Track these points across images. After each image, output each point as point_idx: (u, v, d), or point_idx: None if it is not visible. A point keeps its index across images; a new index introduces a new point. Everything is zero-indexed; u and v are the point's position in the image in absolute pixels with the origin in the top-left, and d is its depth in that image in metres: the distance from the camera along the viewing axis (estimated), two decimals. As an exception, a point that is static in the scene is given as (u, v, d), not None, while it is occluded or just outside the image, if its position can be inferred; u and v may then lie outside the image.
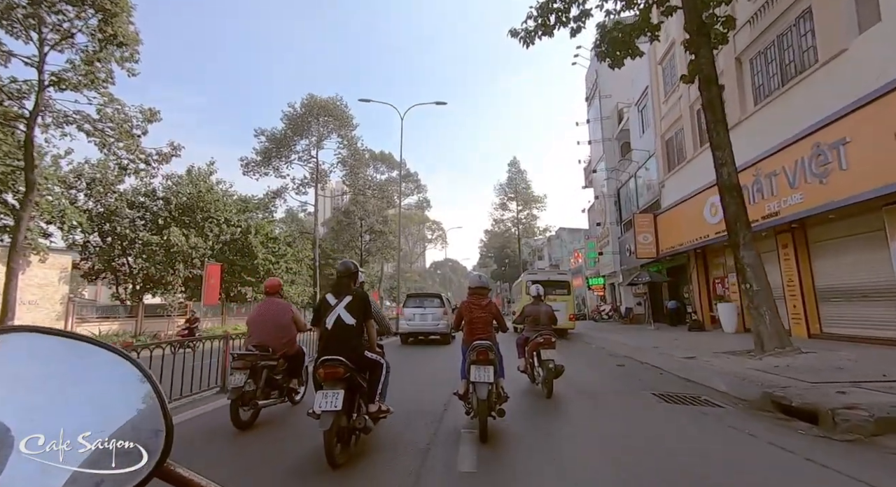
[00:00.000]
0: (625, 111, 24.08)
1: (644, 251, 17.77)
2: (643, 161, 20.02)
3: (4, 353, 0.59)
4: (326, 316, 3.79)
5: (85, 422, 0.56)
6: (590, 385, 6.99)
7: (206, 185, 24.92)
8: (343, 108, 40.29)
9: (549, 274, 17.42)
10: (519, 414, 4.88)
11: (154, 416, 0.60)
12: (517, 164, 55.94)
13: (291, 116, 38.47)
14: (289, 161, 40.71)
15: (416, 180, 63.53)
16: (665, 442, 3.99)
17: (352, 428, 3.56)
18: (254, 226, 27.66)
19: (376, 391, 3.85)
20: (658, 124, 18.06)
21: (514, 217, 55.61)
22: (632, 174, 21.91)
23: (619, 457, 3.62)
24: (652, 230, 17.74)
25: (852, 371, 6.10)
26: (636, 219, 18.06)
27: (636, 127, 21.14)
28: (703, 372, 7.06)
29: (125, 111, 15.53)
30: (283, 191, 41.49)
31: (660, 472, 3.27)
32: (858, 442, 3.81)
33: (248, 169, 38.03)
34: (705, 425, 4.51)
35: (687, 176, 15.76)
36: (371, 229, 48.69)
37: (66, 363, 0.61)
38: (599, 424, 4.74)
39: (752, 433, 4.12)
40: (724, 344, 10.62)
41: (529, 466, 3.41)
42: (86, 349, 0.62)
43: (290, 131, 39.34)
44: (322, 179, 43.38)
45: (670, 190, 17.34)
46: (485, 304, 4.73)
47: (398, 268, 31.31)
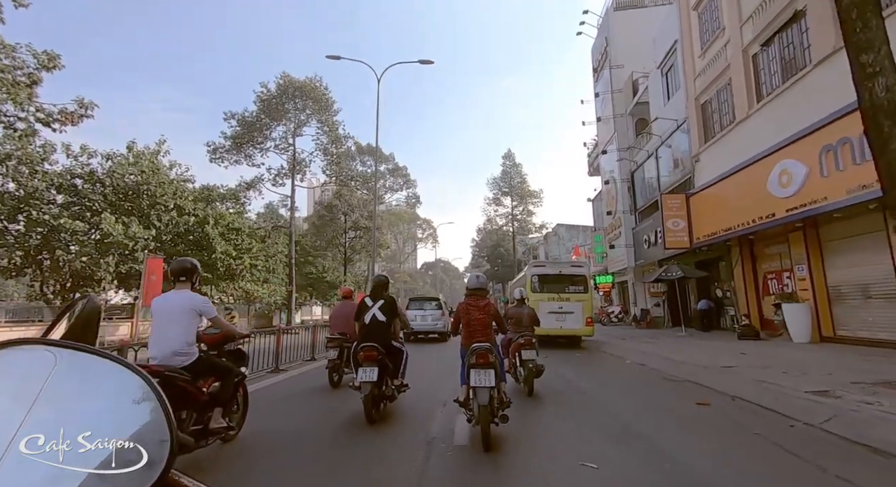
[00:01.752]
0: (640, 82, 20.83)
1: (674, 240, 14.48)
2: (668, 133, 16.74)
3: (13, 364, 0.61)
4: (365, 314, 5.29)
5: (91, 433, 0.57)
6: (699, 472, 3.51)
7: (152, 165, 21.20)
8: (323, 91, 36.68)
9: (560, 266, 14.17)
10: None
11: (159, 426, 0.61)
12: (512, 157, 52.71)
13: (265, 98, 34.76)
14: (264, 148, 37.00)
15: (405, 175, 60.06)
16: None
17: (382, 396, 4.98)
18: (212, 215, 23.98)
19: (399, 370, 5.32)
20: (691, 85, 14.79)
21: (508, 213, 52.30)
22: (651, 152, 18.63)
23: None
24: (684, 214, 14.45)
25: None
26: (664, 201, 14.76)
27: (657, 95, 17.88)
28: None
29: (13, 55, 11.87)
30: (259, 182, 37.83)
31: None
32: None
33: (216, 155, 34.26)
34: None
35: (736, 142, 12.49)
36: (356, 225, 45.18)
37: (72, 374, 0.62)
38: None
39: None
40: (830, 362, 7.30)
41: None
42: (92, 361, 0.64)
43: (264, 115, 35.68)
44: (301, 169, 39.77)
45: (707, 164, 14.07)
46: (483, 305, 4.59)
47: (372, 264, 27.69)
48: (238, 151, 35.28)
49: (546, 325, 12.40)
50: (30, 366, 0.61)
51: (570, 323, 12.45)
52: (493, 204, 52.81)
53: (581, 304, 12.59)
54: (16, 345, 0.63)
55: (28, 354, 0.62)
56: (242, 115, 33.97)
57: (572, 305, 12.56)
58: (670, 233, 14.51)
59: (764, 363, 7.53)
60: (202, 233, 23.11)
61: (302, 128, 38.01)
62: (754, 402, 5.37)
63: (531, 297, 12.82)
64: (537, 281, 12.99)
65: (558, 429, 4.61)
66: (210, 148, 33.85)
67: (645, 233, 18.89)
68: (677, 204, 14.58)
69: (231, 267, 23.91)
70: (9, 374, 0.61)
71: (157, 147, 22.55)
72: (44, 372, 0.61)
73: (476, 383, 3.93)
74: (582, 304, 12.60)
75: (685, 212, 14.45)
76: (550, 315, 12.53)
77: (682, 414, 5.09)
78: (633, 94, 21.25)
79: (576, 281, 12.92)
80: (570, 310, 12.50)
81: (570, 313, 12.49)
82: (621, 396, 6.36)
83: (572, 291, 12.77)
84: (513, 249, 53.36)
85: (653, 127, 18.20)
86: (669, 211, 14.57)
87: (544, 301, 12.68)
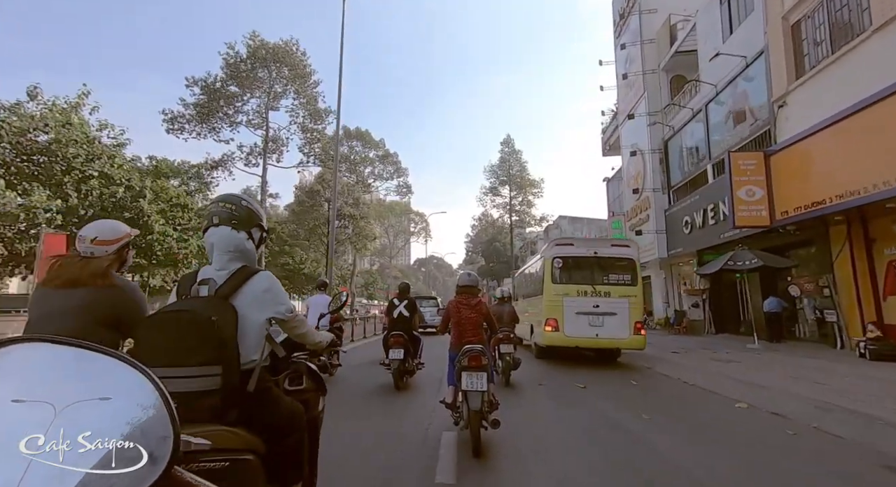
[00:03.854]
0: (679, 28, 16.73)
1: (748, 216, 10.45)
2: (732, 75, 12.64)
3: (16, 361, 0.61)
4: (393, 311, 6.84)
5: (95, 429, 0.57)
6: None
7: (61, 118, 16.79)
8: (300, 56, 32.29)
9: (595, 245, 9.58)
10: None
11: (162, 422, 0.61)
12: (511, 143, 48.51)
13: (232, 62, 30.30)
14: (235, 122, 32.56)
15: (395, 162, 55.73)
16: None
17: (405, 371, 6.41)
18: (150, 187, 19.59)
19: (418, 352, 6.79)
20: (775, 1, 10.66)
21: (506, 203, 48.15)
22: (697, 109, 14.53)
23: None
24: (762, 179, 10.39)
25: None
26: (733, 162, 10.69)
27: (712, 33, 13.76)
28: None
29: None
30: (229, 161, 33.45)
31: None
32: None
33: (173, 125, 29.71)
34: None
35: (854, 71, 8.45)
36: (340, 213, 40.88)
37: (76, 372, 0.62)
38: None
39: None
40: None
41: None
42: (96, 358, 0.63)
43: (233, 83, 31.25)
44: (278, 148, 35.40)
45: (799, 110, 10.01)
46: (474, 304, 4.39)
47: (329, 257, 23.53)
48: (202, 123, 30.83)
49: (573, 332, 8.32)
50: (33, 364, 0.61)
51: (610, 329, 8.36)
52: (490, 194, 48.56)
53: (627, 303, 8.46)
54: (19, 343, 0.61)
55: (31, 352, 0.62)
56: (205, 81, 29.44)
57: (614, 303, 8.44)
58: (742, 205, 10.45)
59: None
60: (135, 209, 18.74)
61: (278, 102, 33.64)
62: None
63: (550, 290, 8.71)
64: (560, 268, 8.86)
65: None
66: (167, 116, 29.30)
67: (685, 214, 14.85)
68: (752, 166, 10.50)
69: (172, 250, 19.54)
70: (11, 371, 0.60)
71: (78, 99, 18.14)
72: (48, 369, 0.61)
73: (468, 387, 3.70)
74: (628, 303, 8.47)
75: (764, 176, 10.38)
76: (580, 317, 8.44)
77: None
78: (669, 44, 17.13)
79: (619, 267, 8.75)
80: (611, 310, 8.40)
81: (611, 315, 8.38)
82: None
83: (613, 282, 8.63)
84: (510, 243, 49.27)
85: (704, 72, 14.08)
86: (741, 175, 10.50)
87: (570, 296, 8.58)
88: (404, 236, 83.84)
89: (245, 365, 1.55)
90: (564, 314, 8.49)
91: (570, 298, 8.55)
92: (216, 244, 1.71)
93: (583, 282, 8.66)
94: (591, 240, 13.03)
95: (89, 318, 1.87)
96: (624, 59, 19.53)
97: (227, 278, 1.63)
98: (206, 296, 1.60)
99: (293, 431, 1.71)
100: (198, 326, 1.47)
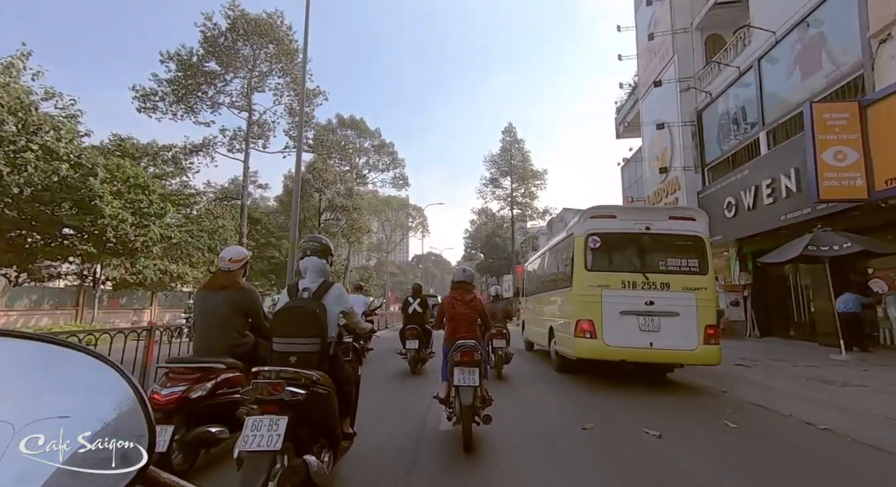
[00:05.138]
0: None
1: (836, 186, 7.98)
2: (797, 16, 10.12)
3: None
4: (409, 308, 8.04)
5: (65, 429, 0.54)
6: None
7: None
8: (286, 30, 29.65)
9: (646, 215, 6.62)
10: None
11: (136, 420, 0.59)
12: (513, 132, 45.86)
13: (210, 36, 27.63)
14: (216, 103, 29.92)
15: (391, 152, 53.23)
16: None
17: (419, 359, 7.63)
18: (103, 165, 16.98)
19: (429, 343, 8.00)
20: None
21: (507, 195, 45.57)
22: (746, 67, 12.02)
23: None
24: (856, 137, 7.91)
25: None
26: (816, 115, 8.20)
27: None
28: None
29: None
30: (210, 145, 30.76)
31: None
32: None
33: (145, 103, 27.01)
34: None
35: None
36: (332, 204, 38.33)
37: (42, 368, 0.59)
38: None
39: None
40: None
41: None
42: (63, 353, 0.60)
43: (212, 59, 28.59)
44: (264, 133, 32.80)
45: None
46: (469, 300, 4.33)
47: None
48: (178, 102, 28.14)
49: (617, 340, 5.85)
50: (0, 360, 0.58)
51: (669, 336, 5.86)
52: (491, 185, 45.89)
53: (694, 298, 5.94)
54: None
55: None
56: (178, 54, 26.74)
57: (675, 299, 5.94)
58: (829, 173, 7.97)
59: None
60: (84, 188, 16.16)
61: (264, 81, 31.02)
62: None
63: (583, 280, 6.22)
64: (597, 249, 6.35)
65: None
66: (139, 93, 26.57)
67: (726, 194, 12.37)
68: (842, 121, 8.01)
69: (127, 236, 16.97)
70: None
71: (13, 59, 15.53)
72: (15, 365, 0.58)
73: (460, 382, 3.66)
74: (696, 298, 5.95)
75: (858, 134, 7.89)
76: (627, 319, 5.96)
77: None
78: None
79: (682, 248, 6.23)
80: (671, 309, 5.91)
81: (671, 315, 5.89)
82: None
83: (674, 269, 6.12)
84: (511, 238, 46.79)
85: (754, 18, 11.55)
86: (828, 133, 8.01)
87: (612, 289, 6.09)
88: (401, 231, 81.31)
89: (329, 339, 2.72)
90: (604, 314, 6.02)
91: (612, 292, 6.06)
92: (310, 267, 2.90)
93: (630, 270, 6.17)
94: (641, 209, 9.87)
95: (231, 309, 3.36)
96: (648, 20, 16.97)
97: (317, 288, 2.81)
98: (308, 298, 2.77)
99: (348, 383, 2.92)
100: (308, 315, 2.65)
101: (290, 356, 2.54)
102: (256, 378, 2.26)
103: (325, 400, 2.47)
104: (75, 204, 16.39)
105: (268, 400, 2.17)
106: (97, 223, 16.40)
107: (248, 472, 2.00)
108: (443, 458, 3.41)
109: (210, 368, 2.97)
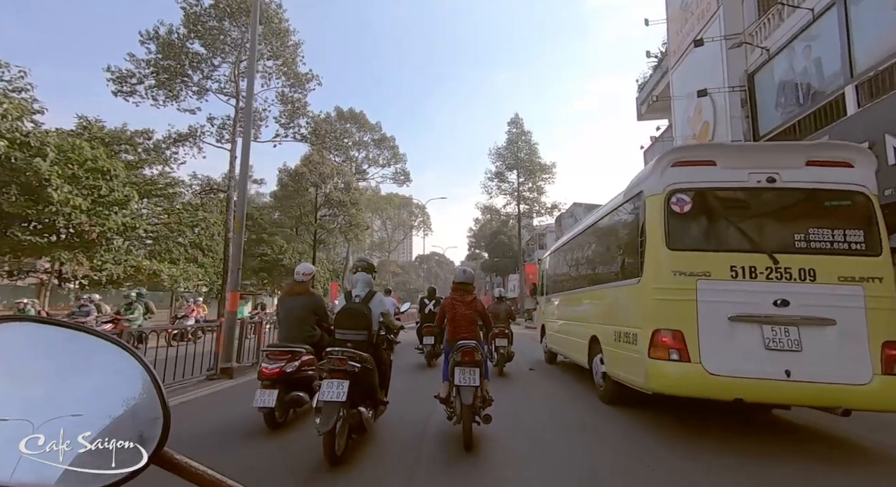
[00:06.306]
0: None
1: None
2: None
3: (2, 343, 0.59)
4: (425, 308, 9.44)
5: (83, 411, 0.57)
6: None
7: None
8: (275, 9, 27.43)
9: (769, 158, 3.96)
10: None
11: (152, 404, 0.60)
12: (519, 123, 43.43)
13: (192, 13, 25.38)
14: (203, 89, 27.66)
15: (392, 146, 51.04)
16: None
17: (434, 354, 8.43)
18: (54, 145, 14.71)
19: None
20: None
21: (513, 190, 43.14)
22: (822, 6, 9.58)
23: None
24: None
25: None
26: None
27: None
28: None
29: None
30: (197, 134, 28.45)
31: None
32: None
33: (121, 86, 24.73)
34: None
35: None
36: (329, 199, 36.00)
37: (63, 353, 0.61)
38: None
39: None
40: None
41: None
42: (83, 339, 0.62)
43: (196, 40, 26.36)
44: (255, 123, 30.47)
45: None
46: (469, 301, 4.42)
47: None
48: (159, 87, 25.89)
49: (728, 365, 3.43)
50: (17, 344, 0.59)
51: (818, 360, 3.48)
52: (496, 179, 43.47)
53: (860, 295, 3.55)
54: (6, 322, 0.60)
55: (16, 331, 0.60)
56: (156, 32, 24.46)
57: (824, 296, 3.57)
58: None
59: None
60: (28, 170, 13.90)
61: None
62: None
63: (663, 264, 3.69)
64: (685, 213, 3.94)
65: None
66: (114, 75, 24.31)
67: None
68: None
69: (83, 225, 14.69)
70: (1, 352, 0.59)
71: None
72: (33, 350, 0.60)
73: (460, 382, 3.71)
74: (862, 295, 3.56)
75: None
76: (742, 329, 3.60)
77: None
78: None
79: (831, 211, 3.82)
80: (819, 314, 3.53)
81: (822, 325, 3.50)
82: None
83: (819, 247, 3.73)
84: (518, 235, 44.40)
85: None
86: None
87: (715, 280, 3.72)
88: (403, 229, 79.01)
89: (373, 332, 3.88)
90: (701, 321, 3.66)
91: (715, 284, 3.69)
92: (360, 279, 4.07)
93: (745, 248, 3.80)
94: (760, 146, 5.21)
95: (306, 310, 4.74)
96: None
97: (364, 295, 3.98)
98: (359, 302, 3.94)
99: (384, 364, 4.09)
100: (359, 314, 3.83)
101: (347, 342, 3.74)
102: (330, 355, 3.46)
103: (371, 373, 3.67)
104: (20, 188, 14.15)
105: (336, 369, 3.39)
106: (44, 210, 14.17)
107: (324, 416, 3.23)
108: (450, 428, 4.08)
109: (297, 351, 4.37)
